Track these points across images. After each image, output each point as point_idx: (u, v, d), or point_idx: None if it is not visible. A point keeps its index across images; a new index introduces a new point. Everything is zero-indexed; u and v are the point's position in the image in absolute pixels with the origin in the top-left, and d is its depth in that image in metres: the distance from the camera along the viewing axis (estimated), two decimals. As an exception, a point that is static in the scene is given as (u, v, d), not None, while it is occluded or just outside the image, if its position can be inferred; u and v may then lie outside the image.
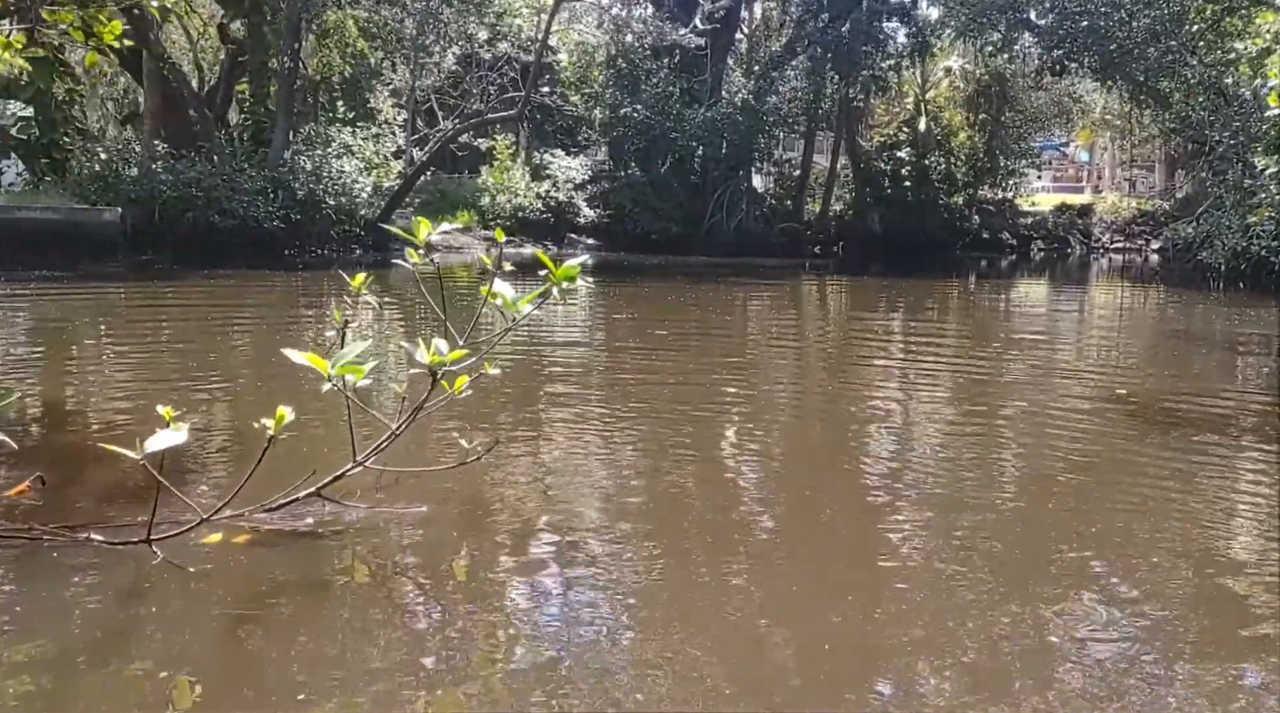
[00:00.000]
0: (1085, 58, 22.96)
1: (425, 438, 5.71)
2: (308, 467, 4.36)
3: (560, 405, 7.43)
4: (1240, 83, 16.07)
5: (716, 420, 7.05)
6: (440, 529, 4.36)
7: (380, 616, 3.44)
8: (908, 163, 30.78)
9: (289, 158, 21.55)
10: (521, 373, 9.01)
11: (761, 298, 17.62)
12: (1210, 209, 18.97)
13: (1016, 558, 4.27)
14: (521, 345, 10.48)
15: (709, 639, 3.37)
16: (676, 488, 5.27)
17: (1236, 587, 3.97)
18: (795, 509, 5.07)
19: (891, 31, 28.60)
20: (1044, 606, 3.69)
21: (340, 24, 23.42)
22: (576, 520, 4.56)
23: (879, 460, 6.01)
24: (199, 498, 4.39)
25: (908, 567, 4.14)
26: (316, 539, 4.10)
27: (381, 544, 4.14)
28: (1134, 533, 4.60)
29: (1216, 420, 7.30)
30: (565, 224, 28.09)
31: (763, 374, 9.47)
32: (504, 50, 28.03)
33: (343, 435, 4.50)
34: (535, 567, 3.97)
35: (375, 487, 4.71)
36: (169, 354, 9.45)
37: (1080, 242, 33.10)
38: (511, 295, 2.87)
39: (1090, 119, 38.21)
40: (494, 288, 2.72)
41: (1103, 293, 20.82)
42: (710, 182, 28.63)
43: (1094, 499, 5.13)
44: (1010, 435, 6.86)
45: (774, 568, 4.14)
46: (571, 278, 2.57)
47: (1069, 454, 6.10)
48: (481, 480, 5.00)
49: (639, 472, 5.53)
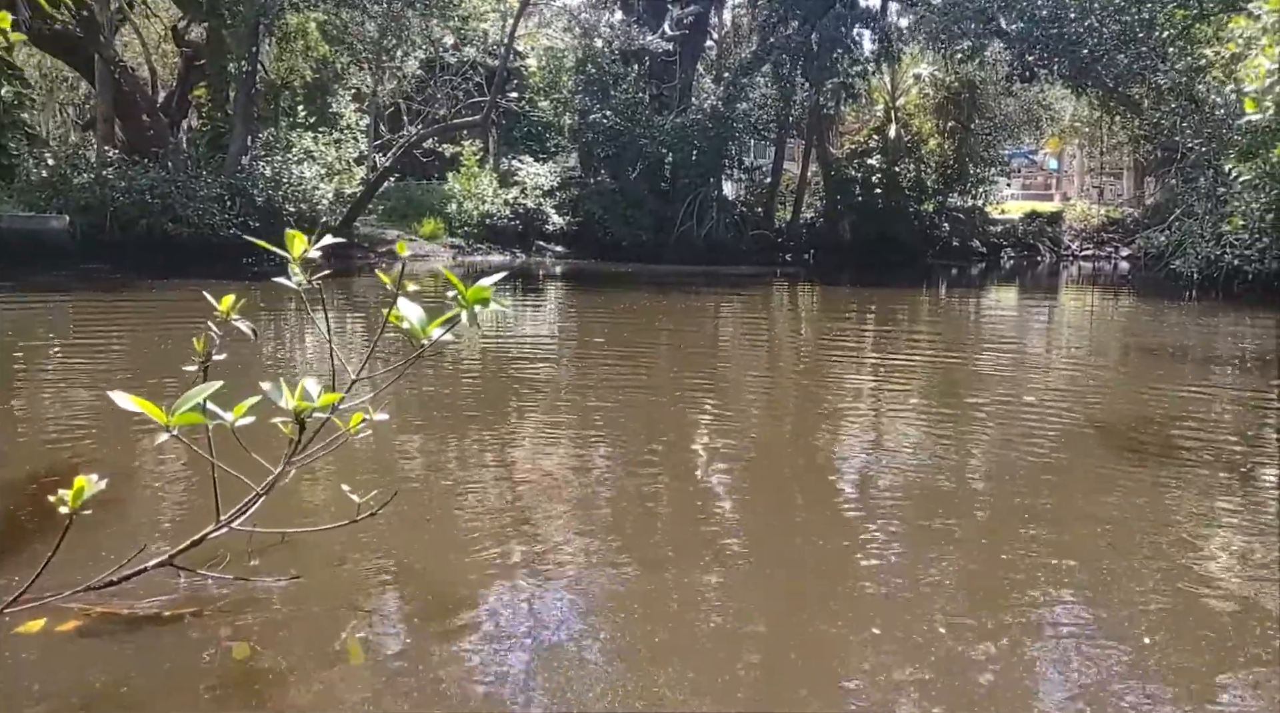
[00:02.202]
0: (1056, 64, 22.85)
1: (331, 486, 4.87)
2: (182, 529, 3.71)
3: (505, 430, 7.01)
4: (1212, 89, 15.94)
5: (683, 438, 6.68)
6: (328, 601, 3.60)
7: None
8: (878, 170, 30.65)
9: (247, 164, 20.98)
10: (470, 389, 8.59)
11: (732, 307, 17.30)
12: (1182, 217, 18.86)
13: (987, 570, 4.25)
14: (474, 358, 10.06)
15: (677, 654, 3.19)
16: (626, 543, 4.87)
17: (1209, 601, 3.93)
18: (765, 520, 4.97)
19: (860, 38, 28.45)
20: (1013, 619, 3.68)
21: (302, 27, 22.89)
22: (501, 583, 3.86)
23: (850, 473, 5.95)
24: (14, 573, 3.56)
25: (879, 577, 4.11)
26: (167, 623, 3.34)
27: (251, 624, 3.37)
28: (1105, 547, 4.54)
29: (1189, 437, 7.05)
30: (534, 231, 27.67)
31: (732, 386, 9.15)
32: (470, 55, 27.59)
33: (237, 487, 3.67)
34: (450, 639, 3.35)
35: (248, 552, 3.92)
36: (80, 375, 8.93)
37: (1050, 249, 33.10)
38: (418, 318, 2.31)
39: (1059, 126, 38.28)
40: (400, 311, 2.22)
41: (1074, 301, 20.70)
42: (680, 189, 28.32)
43: (1065, 516, 5.01)
44: (983, 448, 6.73)
45: (744, 579, 4.04)
46: (484, 300, 2.10)
47: (1041, 470, 5.98)
48: (389, 535, 4.25)
49: (591, 508, 5.12)
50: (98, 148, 22.00)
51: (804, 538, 4.61)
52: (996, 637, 3.50)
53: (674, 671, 3.16)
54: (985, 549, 4.49)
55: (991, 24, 23.06)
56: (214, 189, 19.63)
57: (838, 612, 3.68)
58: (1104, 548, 4.49)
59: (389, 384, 2.97)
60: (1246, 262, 15.75)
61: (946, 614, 3.67)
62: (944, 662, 3.29)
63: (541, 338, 12.63)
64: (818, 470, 6.04)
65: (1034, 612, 3.76)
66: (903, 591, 3.93)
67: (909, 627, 3.54)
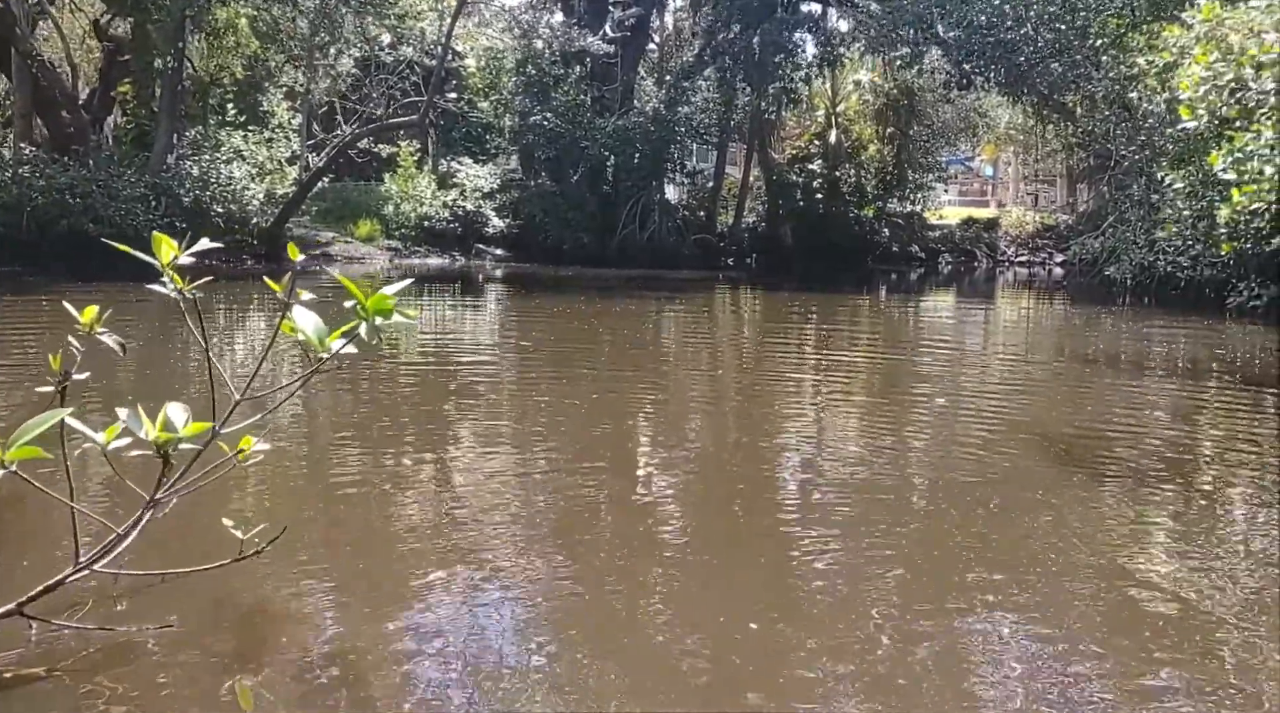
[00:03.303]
0: (992, 71, 23.10)
1: (218, 519, 4.37)
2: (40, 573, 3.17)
3: (431, 447, 6.69)
4: (1144, 97, 16.19)
5: (623, 444, 6.44)
6: (209, 650, 3.16)
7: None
8: (819, 175, 30.78)
9: (173, 163, 20.27)
10: (397, 402, 8.26)
11: (675, 311, 17.11)
12: (1115, 224, 19.14)
13: (925, 571, 4.25)
14: (404, 368, 9.71)
15: (620, 662, 3.16)
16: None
17: (1139, 598, 3.97)
18: (707, 524, 4.95)
19: (801, 43, 28.54)
20: (953, 617, 3.71)
21: (232, 23, 22.20)
22: (407, 617, 3.47)
23: (790, 478, 5.97)
24: None
25: (819, 579, 4.12)
26: (12, 684, 2.85)
27: (115, 681, 2.90)
28: (1037, 549, 4.55)
29: (1124, 441, 7.03)
30: (473, 234, 27.26)
31: (674, 392, 8.94)
32: (408, 54, 27.06)
33: (114, 521, 3.30)
34: (353, 684, 2.99)
35: (113, 596, 3.46)
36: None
37: (986, 255, 33.55)
38: (314, 329, 1.94)
39: (995, 134, 38.89)
40: (296, 323, 1.88)
41: (1010, 306, 20.91)
42: (622, 192, 28.11)
43: (999, 519, 5.07)
44: (918, 455, 6.75)
45: (686, 581, 4.02)
46: (385, 312, 1.79)
47: (979, 473, 6.03)
48: (279, 571, 3.78)
49: (529, 516, 4.85)
50: (14, 145, 21.07)
51: (747, 542, 4.59)
52: (936, 638, 3.49)
53: (616, 678, 3.08)
54: (924, 552, 4.48)
55: (930, 31, 23.24)
56: (137, 189, 18.91)
57: (782, 616, 3.65)
58: (1038, 548, 4.54)
59: (278, 405, 2.49)
60: (1179, 268, 16.00)
61: (887, 616, 3.67)
62: (885, 662, 3.31)
63: (481, 345, 12.30)
64: (759, 476, 5.96)
65: (971, 614, 3.78)
66: (845, 592, 3.94)
67: (851, 628, 3.56)
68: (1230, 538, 4.86)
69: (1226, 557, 4.53)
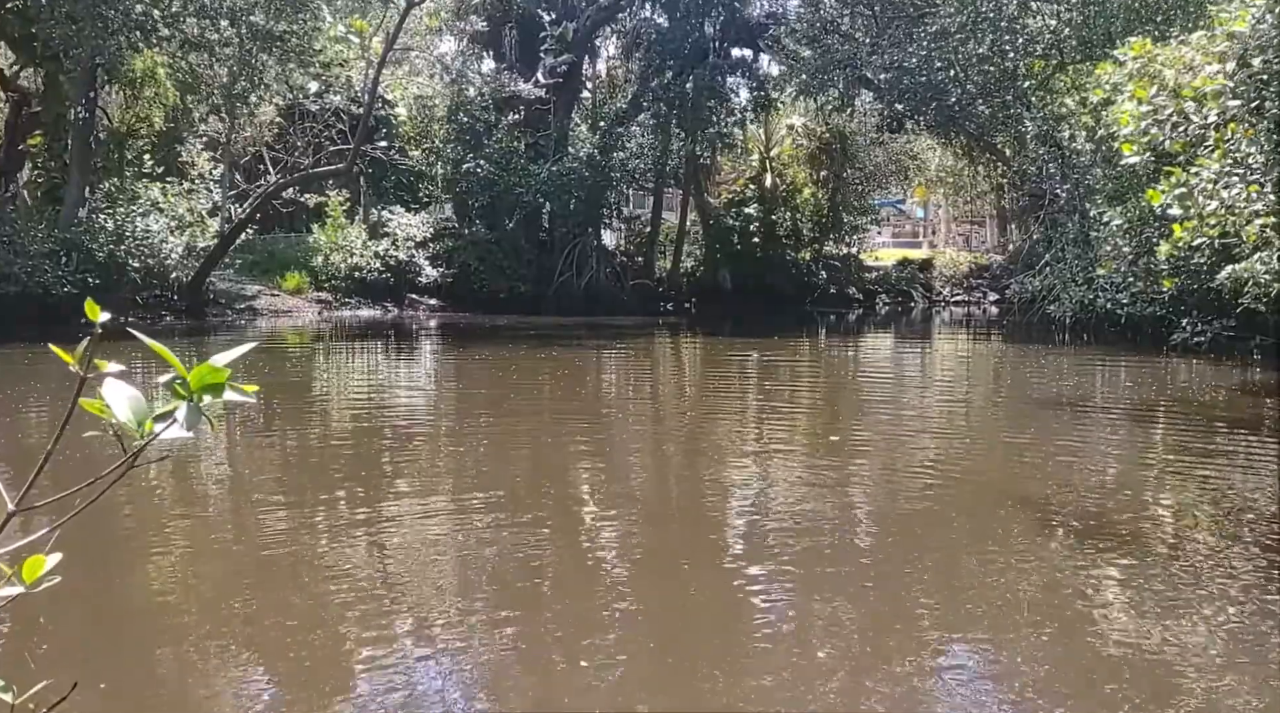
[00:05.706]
0: (923, 113, 23.31)
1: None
2: None
3: (357, 503, 6.10)
4: (1075, 136, 16.31)
5: (566, 492, 5.91)
6: None
7: None
8: (755, 219, 30.79)
9: (85, 217, 19.37)
10: (320, 459, 7.63)
11: (615, 358, 16.65)
12: (1052, 262, 19.23)
13: (873, 614, 4.28)
14: (331, 424, 9.08)
15: None
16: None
17: (1088, 635, 3.98)
18: (655, 574, 4.88)
19: (735, 87, 28.62)
20: (905, 659, 3.73)
21: (151, 72, 21.45)
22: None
23: (734, 523, 5.96)
24: None
25: (769, 627, 4.11)
26: None
27: None
28: (988, 588, 4.60)
29: (1064, 484, 6.77)
30: (406, 284, 26.61)
31: (616, 439, 8.51)
32: (334, 103, 26.51)
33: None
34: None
35: None
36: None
37: (923, 295, 33.79)
38: (127, 413, 1.32)
39: (925, 176, 39.47)
40: (108, 401, 1.30)
41: (949, 345, 20.86)
42: (559, 239, 27.74)
43: (943, 558, 5.09)
44: (861, 500, 6.75)
45: (638, 632, 4.00)
46: (216, 388, 1.27)
47: (918, 514, 6.11)
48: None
49: (471, 566, 4.30)
50: (-87, 200, 20.00)
51: (693, 588, 4.58)
52: (886, 675, 3.56)
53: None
54: (868, 592, 4.55)
55: (860, 74, 23.42)
56: (46, 245, 17.99)
57: (729, 658, 3.71)
58: (983, 585, 4.63)
59: (68, 517, 1.70)
60: (1118, 305, 16.02)
61: (835, 655, 3.75)
62: (838, 697, 3.37)
63: (416, 398, 11.69)
64: (703, 521, 5.98)
65: (921, 650, 3.84)
66: (792, 634, 3.98)
67: (801, 667, 3.62)
68: (1181, 577, 4.81)
69: (1176, 594, 4.55)
